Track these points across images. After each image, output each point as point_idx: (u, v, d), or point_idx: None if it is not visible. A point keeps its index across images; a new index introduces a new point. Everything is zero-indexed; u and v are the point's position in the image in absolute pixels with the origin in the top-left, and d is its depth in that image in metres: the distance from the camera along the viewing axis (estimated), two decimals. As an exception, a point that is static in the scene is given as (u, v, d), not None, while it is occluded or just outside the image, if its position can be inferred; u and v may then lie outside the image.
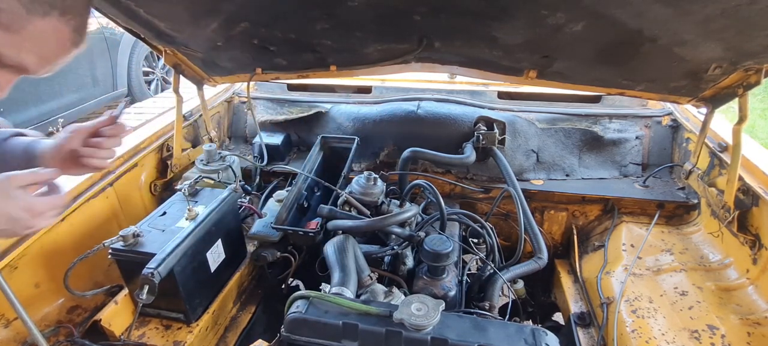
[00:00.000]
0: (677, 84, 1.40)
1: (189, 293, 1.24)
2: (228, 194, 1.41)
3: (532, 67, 1.47)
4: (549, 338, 0.95)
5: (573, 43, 1.26)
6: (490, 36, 1.30)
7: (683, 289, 1.29)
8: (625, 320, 1.19)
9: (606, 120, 1.85)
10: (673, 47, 1.19)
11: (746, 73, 1.25)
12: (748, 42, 1.10)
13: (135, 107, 4.99)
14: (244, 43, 1.48)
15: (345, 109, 2.01)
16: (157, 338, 1.24)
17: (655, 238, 1.50)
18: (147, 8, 1.25)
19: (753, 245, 1.29)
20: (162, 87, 6.09)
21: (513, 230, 1.75)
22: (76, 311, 1.33)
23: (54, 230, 1.33)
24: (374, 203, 1.44)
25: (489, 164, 1.78)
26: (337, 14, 1.27)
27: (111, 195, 1.54)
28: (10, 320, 1.19)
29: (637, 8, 1.04)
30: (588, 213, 1.73)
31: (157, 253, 1.13)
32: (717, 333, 1.14)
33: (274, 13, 1.29)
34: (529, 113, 1.88)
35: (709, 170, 1.54)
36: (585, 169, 1.81)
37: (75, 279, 1.21)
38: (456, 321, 0.98)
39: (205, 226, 1.28)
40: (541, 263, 1.41)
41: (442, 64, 1.56)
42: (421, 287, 1.23)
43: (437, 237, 1.23)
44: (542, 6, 1.10)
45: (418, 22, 1.28)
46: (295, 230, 1.41)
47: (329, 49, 1.51)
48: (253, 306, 1.53)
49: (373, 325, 0.96)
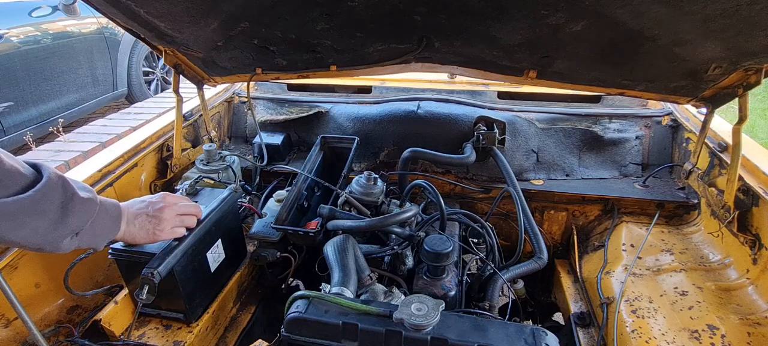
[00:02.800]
0: (677, 84, 1.40)
1: (189, 293, 1.24)
2: (228, 194, 1.41)
3: (532, 67, 1.47)
4: (549, 338, 0.95)
5: (573, 43, 1.26)
6: (490, 36, 1.30)
7: (683, 289, 1.29)
8: (625, 320, 1.19)
9: (606, 120, 1.86)
10: (673, 47, 1.19)
11: (746, 73, 1.25)
12: (748, 42, 1.10)
13: (135, 107, 5.01)
14: (244, 43, 1.49)
15: (345, 109, 2.01)
16: (157, 338, 1.24)
17: (655, 238, 1.50)
18: (147, 8, 1.25)
19: (753, 245, 1.29)
20: (162, 87, 6.10)
21: (513, 230, 1.75)
22: (76, 311, 1.33)
23: (54, 229, 1.33)
24: (374, 203, 1.44)
25: (489, 164, 1.78)
26: (337, 14, 1.27)
27: (111, 195, 1.54)
28: (10, 320, 1.19)
29: (637, 8, 1.04)
30: (588, 213, 1.73)
31: (157, 253, 1.13)
32: (717, 333, 1.14)
33: (274, 13, 1.30)
34: (529, 113, 1.88)
35: (709, 170, 1.54)
36: (585, 169, 1.81)
37: (75, 279, 1.21)
38: (456, 321, 0.98)
39: (205, 226, 1.28)
40: (541, 263, 1.41)
41: (442, 64, 1.56)
42: (421, 287, 1.23)
43: (437, 237, 1.23)
44: (542, 6, 1.10)
45: (418, 22, 1.29)
46: (295, 230, 1.40)
47: (329, 49, 1.51)
48: (253, 306, 1.53)
49: (372, 325, 0.96)
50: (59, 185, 0.85)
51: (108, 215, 0.98)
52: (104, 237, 0.99)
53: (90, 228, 0.91)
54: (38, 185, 0.81)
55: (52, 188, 0.83)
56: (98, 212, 0.93)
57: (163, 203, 1.12)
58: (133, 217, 1.07)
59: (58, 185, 0.84)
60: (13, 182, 0.79)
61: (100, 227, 0.96)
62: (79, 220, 0.88)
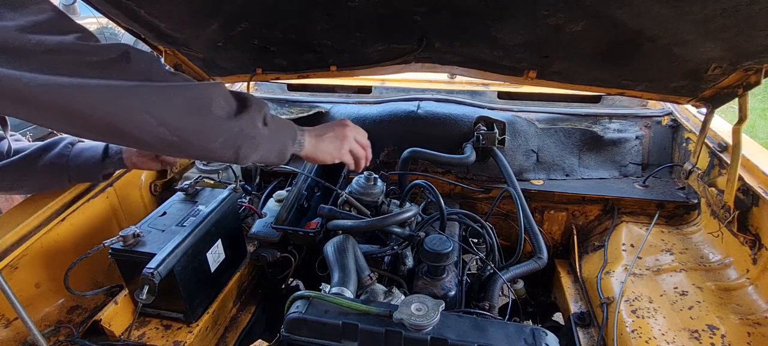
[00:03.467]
0: (677, 84, 1.40)
1: (189, 293, 1.24)
2: (228, 194, 1.42)
3: (532, 68, 1.47)
4: (549, 338, 0.95)
5: (573, 43, 1.26)
6: (490, 36, 1.30)
7: (683, 289, 1.29)
8: (625, 320, 1.19)
9: (606, 120, 1.85)
10: (673, 47, 1.19)
11: (746, 73, 1.25)
12: (748, 42, 1.10)
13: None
14: (244, 43, 1.48)
15: (345, 109, 2.01)
16: (157, 338, 1.24)
17: (655, 238, 1.50)
18: (147, 8, 1.25)
19: (753, 245, 1.29)
20: (162, 87, 6.08)
21: (513, 230, 1.75)
22: (76, 311, 1.33)
23: (54, 230, 1.33)
24: (374, 203, 1.44)
25: (489, 164, 1.78)
26: (338, 14, 1.27)
27: (111, 195, 1.54)
28: (10, 320, 1.20)
29: (637, 8, 1.04)
30: (588, 213, 1.73)
31: (157, 253, 1.13)
32: (717, 333, 1.14)
33: (274, 13, 1.30)
34: (529, 113, 1.88)
35: (709, 170, 1.54)
36: (585, 169, 1.81)
37: (75, 279, 1.21)
38: (456, 321, 0.98)
39: (205, 226, 1.28)
40: (541, 263, 1.41)
41: (442, 64, 1.56)
42: (421, 287, 1.23)
43: (437, 237, 1.23)
44: (542, 6, 1.10)
45: (418, 22, 1.29)
46: (295, 230, 1.41)
47: (329, 50, 1.51)
48: (253, 306, 1.53)
49: (372, 325, 0.96)
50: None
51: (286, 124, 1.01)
52: (286, 139, 0.99)
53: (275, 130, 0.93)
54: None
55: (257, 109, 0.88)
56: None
57: (346, 125, 1.15)
58: (320, 131, 1.09)
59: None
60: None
61: (283, 128, 0.98)
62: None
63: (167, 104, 0.74)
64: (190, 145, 0.78)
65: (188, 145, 0.78)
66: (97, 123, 0.70)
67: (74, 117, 0.69)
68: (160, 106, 0.73)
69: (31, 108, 0.67)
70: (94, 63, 0.69)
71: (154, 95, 0.73)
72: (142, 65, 0.74)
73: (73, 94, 0.67)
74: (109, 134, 0.75)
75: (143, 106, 0.72)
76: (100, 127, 0.72)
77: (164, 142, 0.75)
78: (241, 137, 0.84)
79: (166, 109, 0.74)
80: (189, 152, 0.81)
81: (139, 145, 0.79)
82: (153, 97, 0.72)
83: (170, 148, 0.78)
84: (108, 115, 0.70)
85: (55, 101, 0.66)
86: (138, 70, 0.73)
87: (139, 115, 0.71)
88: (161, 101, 0.73)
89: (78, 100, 0.67)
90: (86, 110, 0.68)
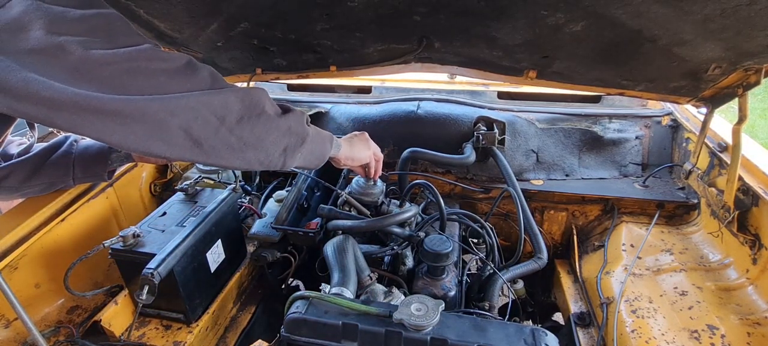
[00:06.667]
0: (677, 84, 1.40)
1: (189, 293, 1.24)
2: (228, 194, 1.42)
3: (532, 68, 1.47)
4: (549, 338, 0.95)
5: (573, 43, 1.26)
6: (489, 36, 1.30)
7: (683, 289, 1.29)
8: (625, 320, 1.19)
9: (606, 120, 1.85)
10: (673, 47, 1.19)
11: (746, 73, 1.25)
12: (748, 42, 1.10)
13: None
14: (244, 43, 1.49)
15: (345, 109, 2.01)
16: (157, 338, 1.24)
17: (654, 238, 1.50)
18: (147, 8, 1.25)
19: (753, 245, 1.29)
20: (162, 87, 6.08)
21: (513, 230, 1.75)
22: (76, 311, 1.33)
23: (54, 230, 1.33)
24: (374, 203, 1.44)
25: (489, 164, 1.78)
26: (337, 14, 1.27)
27: (111, 195, 1.54)
28: (10, 320, 1.20)
29: (637, 8, 1.04)
30: (588, 213, 1.73)
31: (157, 253, 1.13)
32: (717, 333, 1.14)
33: (274, 13, 1.30)
34: (529, 113, 1.88)
35: (709, 170, 1.54)
36: (585, 169, 1.81)
37: (75, 279, 1.21)
38: (456, 321, 0.98)
39: (205, 226, 1.28)
40: (541, 263, 1.41)
41: (442, 64, 1.56)
42: (420, 287, 1.23)
43: (437, 237, 1.24)
44: (542, 6, 1.10)
45: (418, 22, 1.29)
46: (295, 230, 1.41)
47: (329, 50, 1.51)
48: (253, 306, 1.53)
49: (372, 325, 0.96)
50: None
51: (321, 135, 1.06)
52: (325, 140, 1.05)
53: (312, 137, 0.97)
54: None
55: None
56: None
57: (365, 133, 1.27)
58: (348, 138, 1.20)
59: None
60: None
61: (322, 131, 1.04)
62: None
63: (227, 108, 0.78)
64: (245, 146, 0.82)
65: (244, 146, 0.82)
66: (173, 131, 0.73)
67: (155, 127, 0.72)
68: (222, 110, 0.78)
69: (116, 123, 0.69)
70: (166, 70, 0.74)
71: (216, 99, 0.77)
72: (205, 72, 0.79)
73: (169, 105, 0.71)
74: (183, 140, 0.77)
75: (212, 112, 0.76)
76: (175, 134, 0.75)
77: (224, 142, 0.79)
78: (290, 135, 0.89)
79: (226, 112, 0.78)
80: (244, 153, 0.83)
81: (200, 152, 0.80)
82: (214, 101, 0.77)
83: (226, 150, 0.81)
84: (185, 121, 0.73)
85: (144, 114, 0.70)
86: (202, 78, 0.78)
87: (207, 117, 0.76)
88: (222, 106, 0.78)
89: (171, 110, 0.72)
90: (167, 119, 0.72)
